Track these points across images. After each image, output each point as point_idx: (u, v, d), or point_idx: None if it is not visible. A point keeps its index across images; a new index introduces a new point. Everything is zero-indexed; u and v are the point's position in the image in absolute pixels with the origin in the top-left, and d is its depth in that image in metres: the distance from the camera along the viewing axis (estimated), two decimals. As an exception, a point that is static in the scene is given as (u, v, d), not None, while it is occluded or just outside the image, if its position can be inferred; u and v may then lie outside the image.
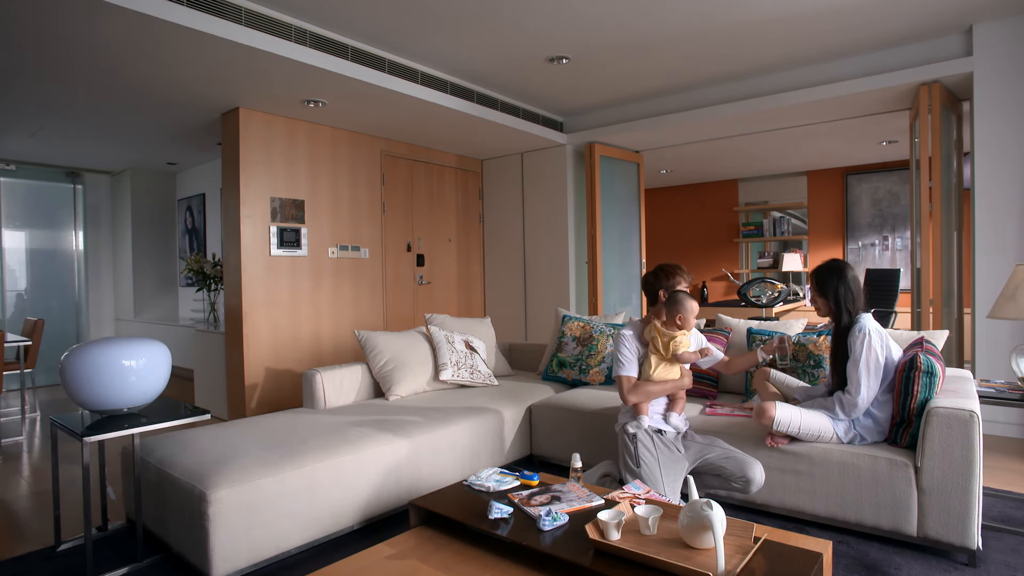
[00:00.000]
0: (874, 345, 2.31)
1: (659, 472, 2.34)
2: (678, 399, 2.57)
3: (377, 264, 5.21)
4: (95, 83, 3.76)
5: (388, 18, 3.48)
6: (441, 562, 1.78)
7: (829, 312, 2.45)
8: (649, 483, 2.30)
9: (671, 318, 2.47)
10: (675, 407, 2.56)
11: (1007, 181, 3.70)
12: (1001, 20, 3.66)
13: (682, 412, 2.56)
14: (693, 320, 2.48)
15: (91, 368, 2.21)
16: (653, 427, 2.48)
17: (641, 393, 2.48)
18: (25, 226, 6.67)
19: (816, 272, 2.46)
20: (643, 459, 2.37)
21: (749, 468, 2.34)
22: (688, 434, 2.55)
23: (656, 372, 2.50)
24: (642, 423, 2.45)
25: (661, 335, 2.49)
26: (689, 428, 2.61)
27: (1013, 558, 2.19)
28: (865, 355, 2.30)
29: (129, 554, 2.35)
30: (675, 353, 2.46)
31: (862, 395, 2.31)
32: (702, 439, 2.51)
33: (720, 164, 7.20)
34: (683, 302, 2.46)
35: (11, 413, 4.99)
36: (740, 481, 2.35)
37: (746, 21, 3.60)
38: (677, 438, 2.51)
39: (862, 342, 2.31)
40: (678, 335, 2.47)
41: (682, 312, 2.44)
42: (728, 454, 2.40)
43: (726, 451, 2.42)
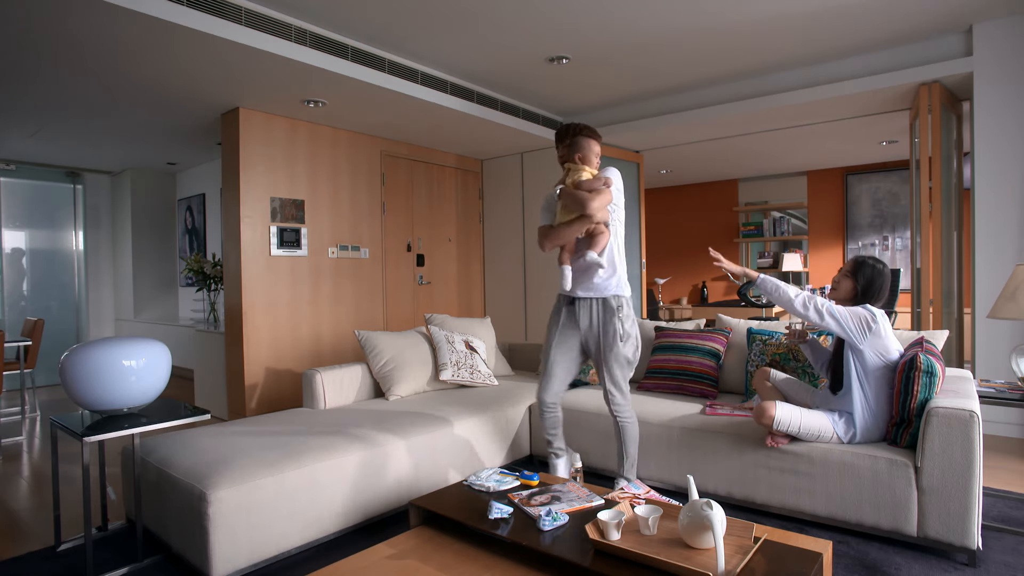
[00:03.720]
0: (864, 317, 2.33)
1: (550, 339, 2.64)
2: (595, 238, 2.51)
3: (377, 264, 5.21)
4: (95, 83, 3.76)
5: (388, 18, 3.48)
6: (441, 562, 1.78)
7: (850, 295, 2.46)
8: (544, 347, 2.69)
9: (572, 158, 2.55)
10: (593, 246, 2.51)
11: (1007, 181, 3.70)
12: (1001, 20, 3.66)
13: (600, 250, 2.50)
14: (594, 158, 2.55)
15: (91, 368, 2.21)
16: (568, 296, 2.62)
17: (550, 237, 2.56)
18: (25, 226, 6.67)
19: (863, 257, 2.49)
20: (548, 324, 2.69)
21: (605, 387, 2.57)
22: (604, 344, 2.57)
23: (559, 216, 2.57)
24: (563, 275, 2.56)
25: (567, 174, 2.56)
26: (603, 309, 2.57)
27: (1013, 558, 2.19)
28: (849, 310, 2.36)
29: (129, 554, 2.35)
30: (576, 182, 2.50)
31: (823, 317, 2.35)
32: (606, 369, 2.56)
33: (720, 164, 7.20)
34: (581, 142, 2.54)
35: (11, 413, 4.99)
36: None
37: (746, 21, 3.60)
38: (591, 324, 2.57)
39: (860, 309, 2.37)
40: (580, 170, 2.53)
41: (581, 151, 2.53)
42: (605, 387, 2.57)
43: (612, 385, 2.56)
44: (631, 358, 2.56)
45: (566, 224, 2.51)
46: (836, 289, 2.51)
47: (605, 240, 2.50)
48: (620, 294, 2.55)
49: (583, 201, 2.43)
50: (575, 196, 2.45)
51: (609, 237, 2.51)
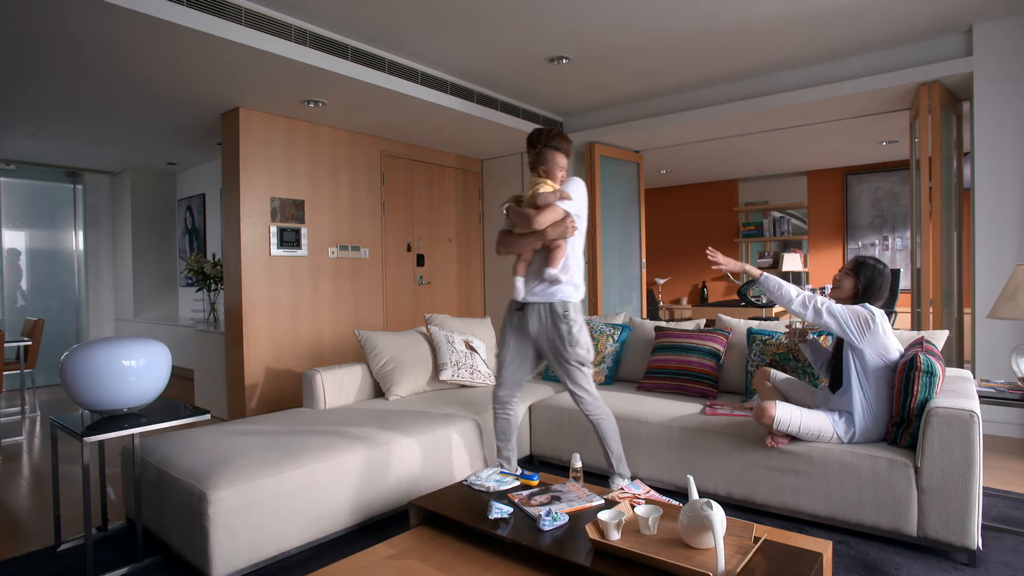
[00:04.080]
0: (863, 316, 2.34)
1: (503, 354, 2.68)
2: (552, 252, 2.52)
3: (377, 264, 5.21)
4: (95, 83, 3.76)
5: (388, 18, 3.48)
6: (441, 562, 1.78)
7: (852, 294, 2.47)
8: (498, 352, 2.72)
9: (536, 170, 2.57)
10: (550, 262, 2.53)
11: (1007, 181, 3.70)
12: (1001, 20, 3.66)
13: (556, 265, 2.51)
14: (557, 172, 2.55)
15: (91, 368, 2.21)
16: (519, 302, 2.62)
17: (504, 243, 2.64)
18: (25, 226, 6.67)
19: (864, 257, 2.51)
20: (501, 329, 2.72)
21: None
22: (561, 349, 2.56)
23: (518, 227, 2.59)
24: (515, 286, 2.61)
25: (532, 186, 2.55)
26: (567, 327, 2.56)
27: (1013, 558, 2.19)
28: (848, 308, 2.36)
29: (129, 554, 2.35)
30: (528, 197, 2.52)
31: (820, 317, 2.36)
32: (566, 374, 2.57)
33: (720, 164, 7.20)
34: (546, 154, 2.54)
35: (11, 413, 4.99)
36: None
37: (746, 21, 3.60)
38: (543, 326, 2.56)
39: (859, 307, 2.37)
40: (540, 183, 2.53)
41: (546, 164, 2.53)
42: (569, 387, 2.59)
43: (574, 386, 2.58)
44: (583, 358, 2.56)
45: (521, 236, 2.56)
46: (838, 287, 2.52)
47: (561, 255, 2.52)
48: (567, 299, 2.55)
49: (528, 219, 2.48)
50: (521, 213, 2.51)
51: (566, 251, 2.53)
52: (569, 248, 2.55)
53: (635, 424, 2.93)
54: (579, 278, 2.63)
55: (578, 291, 2.61)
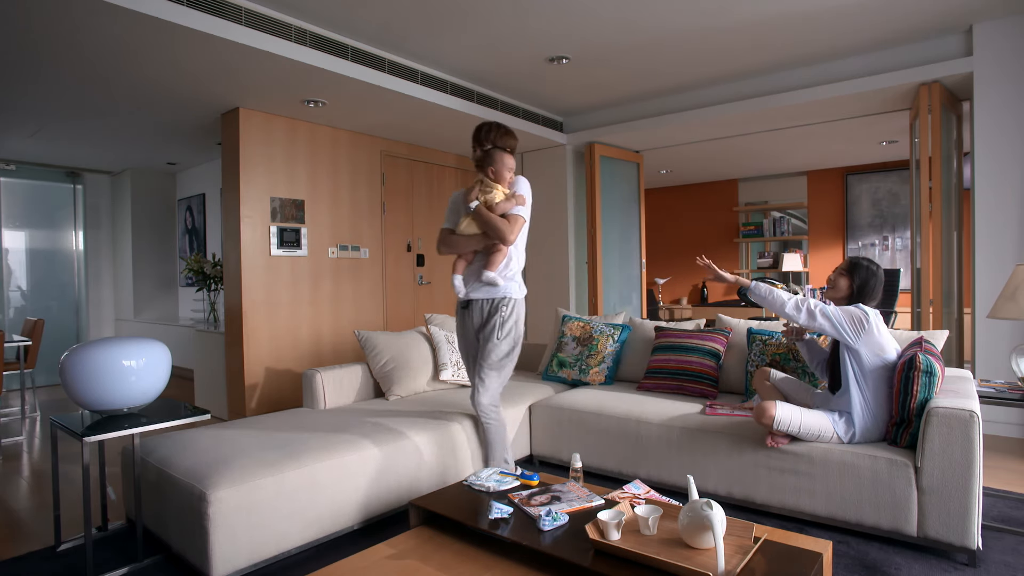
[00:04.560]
0: (857, 316, 2.34)
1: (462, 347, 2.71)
2: (491, 255, 2.53)
3: (377, 264, 5.21)
4: (95, 83, 3.76)
5: (388, 18, 3.48)
6: (441, 562, 1.78)
7: (847, 294, 2.48)
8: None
9: (485, 172, 2.52)
10: (489, 265, 2.53)
11: (1007, 181, 3.70)
12: (1001, 20, 3.66)
13: (496, 268, 2.53)
14: (506, 173, 2.52)
15: (91, 368, 2.21)
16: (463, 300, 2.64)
17: (447, 242, 2.62)
18: (25, 226, 6.67)
19: (856, 257, 2.51)
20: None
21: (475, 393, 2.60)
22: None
23: (462, 227, 2.57)
24: (454, 285, 2.60)
25: (478, 187, 2.53)
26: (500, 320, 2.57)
27: (1013, 558, 2.19)
28: (844, 310, 2.36)
29: (129, 554, 2.35)
30: (489, 204, 2.48)
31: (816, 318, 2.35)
32: (489, 360, 2.57)
33: (720, 164, 7.20)
34: (495, 156, 2.51)
35: (11, 413, 4.99)
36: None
37: (746, 21, 3.60)
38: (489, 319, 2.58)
39: (853, 308, 2.38)
40: (492, 188, 2.50)
41: (495, 165, 2.50)
42: (477, 380, 2.59)
43: (479, 380, 2.58)
44: (504, 356, 2.57)
45: (466, 237, 2.57)
46: (833, 288, 2.52)
47: (502, 258, 2.53)
48: (510, 296, 2.58)
49: (503, 235, 2.47)
50: (495, 226, 2.48)
51: (505, 255, 2.54)
52: (512, 248, 2.56)
53: (635, 424, 2.93)
54: (519, 277, 2.65)
55: (521, 287, 2.64)
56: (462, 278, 2.62)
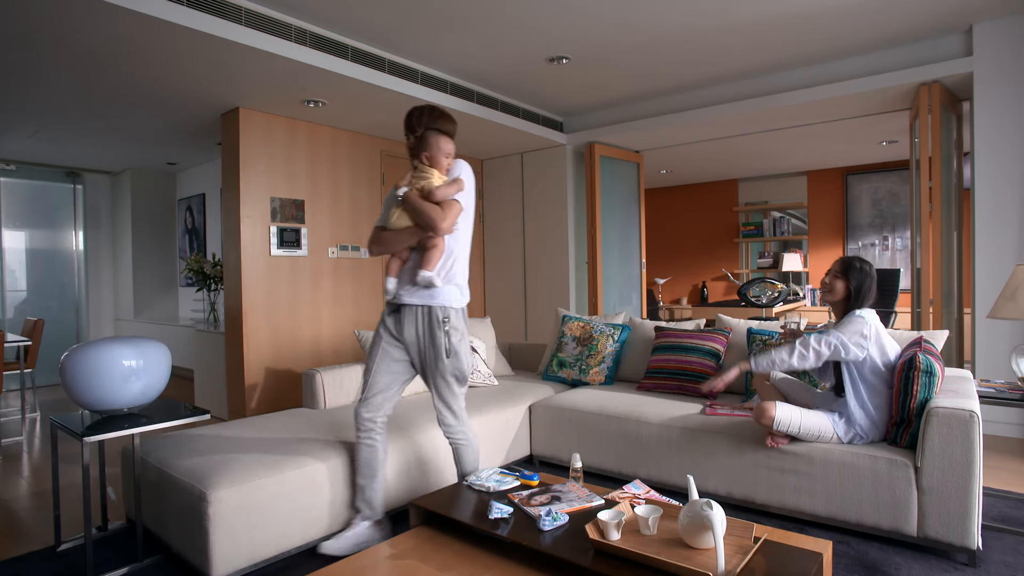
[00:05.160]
0: (860, 329, 2.33)
1: (373, 355, 2.36)
2: (428, 251, 2.24)
3: (377, 264, 5.21)
4: (95, 83, 3.76)
5: (388, 18, 3.48)
6: (441, 562, 1.78)
7: (844, 296, 2.46)
8: (366, 365, 2.39)
9: (419, 157, 2.27)
10: (425, 263, 2.24)
11: (1007, 181, 3.70)
12: (1001, 20, 3.66)
13: (432, 267, 2.22)
14: (443, 159, 2.26)
15: (91, 368, 2.21)
16: (393, 303, 2.33)
17: (379, 240, 2.31)
18: (25, 226, 6.67)
19: (848, 258, 2.49)
20: (373, 337, 2.40)
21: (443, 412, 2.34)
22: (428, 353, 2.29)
23: (393, 220, 2.28)
24: (386, 287, 2.32)
25: (412, 175, 2.28)
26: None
27: (1013, 558, 2.19)
28: (847, 328, 2.35)
29: (129, 554, 2.35)
30: (427, 191, 2.21)
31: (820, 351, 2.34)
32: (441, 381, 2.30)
33: (720, 164, 7.20)
34: (429, 139, 2.25)
35: (11, 413, 4.99)
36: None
37: (746, 21, 3.60)
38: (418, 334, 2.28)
39: (853, 319, 2.37)
40: (428, 174, 2.24)
41: (429, 150, 2.25)
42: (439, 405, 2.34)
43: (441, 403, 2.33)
44: (459, 374, 2.30)
45: (397, 232, 2.26)
46: (830, 291, 2.48)
47: (439, 255, 2.23)
48: (448, 304, 2.26)
49: (434, 222, 2.17)
50: (423, 212, 2.18)
51: (444, 250, 2.25)
52: (453, 244, 2.27)
53: (635, 424, 2.94)
54: (463, 279, 2.34)
55: (463, 294, 2.33)
56: (396, 281, 2.30)
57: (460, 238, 2.30)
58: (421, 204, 2.18)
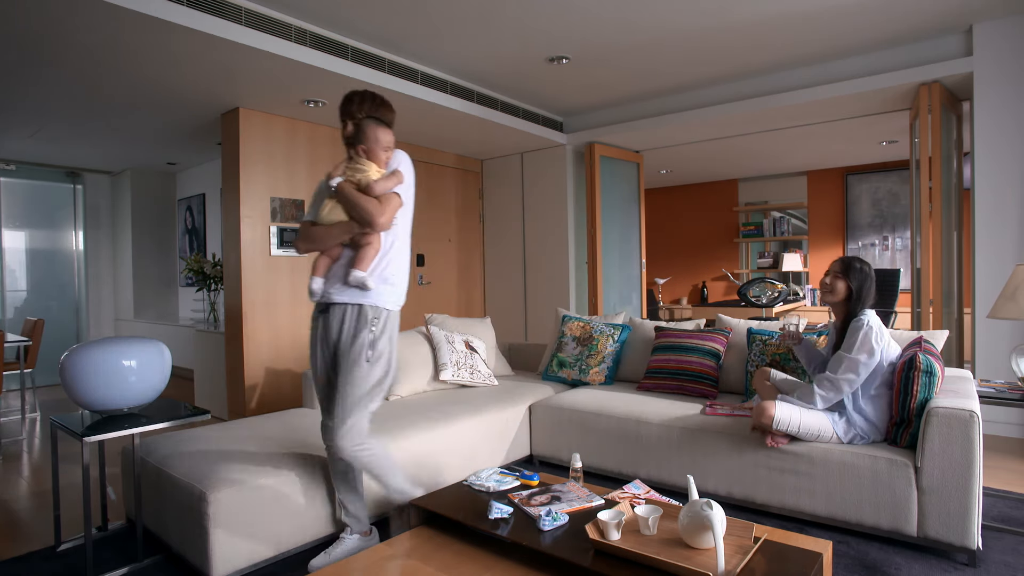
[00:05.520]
0: (871, 339, 2.32)
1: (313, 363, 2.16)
2: (361, 249, 2.07)
3: (377, 264, 5.20)
4: (95, 83, 3.76)
5: (388, 18, 3.48)
6: (441, 562, 1.78)
7: (846, 296, 2.44)
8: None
9: (356, 149, 2.12)
10: (357, 263, 2.05)
11: (1007, 181, 3.70)
12: (1001, 20, 3.66)
13: (367, 268, 2.05)
14: (380, 152, 2.11)
15: (91, 368, 2.21)
16: (321, 303, 2.13)
17: (307, 237, 2.11)
18: (25, 226, 6.67)
19: (848, 258, 2.48)
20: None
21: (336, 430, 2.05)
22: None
23: (323, 213, 2.09)
24: (310, 288, 2.12)
25: (347, 166, 2.11)
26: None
27: (1013, 558, 2.19)
28: (859, 345, 2.32)
29: (129, 554, 2.35)
30: (365, 186, 2.05)
31: (848, 378, 2.33)
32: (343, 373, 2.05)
33: (720, 164, 7.20)
34: (366, 129, 2.09)
35: (11, 413, 4.99)
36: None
37: (746, 21, 3.60)
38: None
39: (860, 332, 2.34)
40: (363, 166, 2.09)
41: (367, 143, 2.09)
42: (337, 397, 2.05)
43: (339, 396, 2.05)
44: (375, 385, 2.06)
45: (328, 228, 2.07)
46: (832, 292, 2.47)
47: (373, 254, 2.06)
48: (380, 304, 2.06)
49: (371, 217, 1.99)
50: (359, 206, 2.00)
51: (378, 249, 2.08)
52: (390, 242, 2.12)
53: (635, 424, 2.94)
54: (401, 278, 2.15)
55: (397, 293, 2.13)
56: (323, 280, 2.11)
57: (398, 235, 2.13)
58: (357, 197, 2.02)
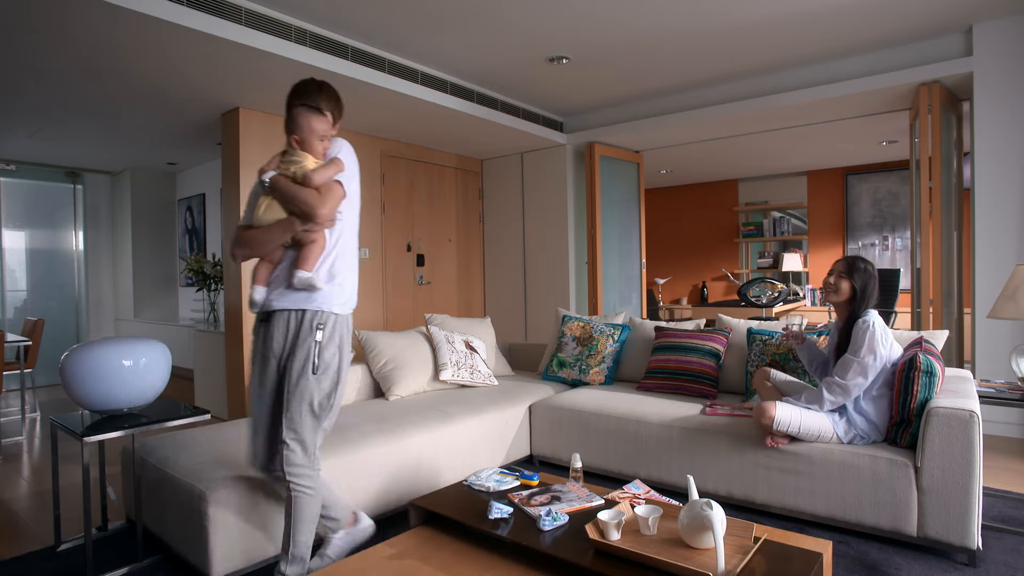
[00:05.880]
0: (877, 340, 2.32)
1: (252, 379, 1.94)
2: (304, 248, 1.88)
3: (377, 264, 5.21)
4: (95, 83, 3.76)
5: (388, 18, 3.48)
6: (441, 562, 1.78)
7: (850, 296, 2.44)
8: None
9: (289, 141, 1.94)
10: (301, 263, 1.87)
11: (1007, 181, 3.70)
12: (1001, 20, 3.66)
13: (312, 268, 1.87)
14: (316, 143, 1.91)
15: (91, 368, 2.21)
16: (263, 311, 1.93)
17: (242, 242, 1.91)
18: (25, 226, 6.67)
19: (851, 258, 2.47)
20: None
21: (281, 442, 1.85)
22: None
23: (259, 213, 1.89)
24: (251, 297, 1.91)
25: (281, 160, 1.93)
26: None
27: (1013, 558, 2.19)
28: (866, 347, 2.32)
29: (129, 554, 2.35)
30: (302, 178, 1.86)
31: (857, 382, 2.32)
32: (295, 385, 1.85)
33: (720, 164, 7.20)
34: (296, 117, 1.90)
35: (11, 413, 4.99)
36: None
37: (746, 21, 3.60)
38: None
39: (866, 334, 2.33)
40: (298, 157, 1.90)
41: (299, 132, 1.90)
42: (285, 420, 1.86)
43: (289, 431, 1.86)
44: (323, 399, 1.88)
45: (266, 230, 1.88)
46: (836, 292, 2.46)
47: (318, 252, 1.88)
48: (326, 309, 1.88)
49: (312, 209, 1.82)
50: (298, 198, 1.83)
51: (323, 247, 1.90)
52: (337, 237, 1.93)
53: (635, 424, 2.94)
54: (349, 279, 1.96)
55: (345, 296, 1.94)
56: (265, 290, 1.92)
57: (344, 231, 1.94)
58: (294, 188, 1.84)
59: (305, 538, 1.87)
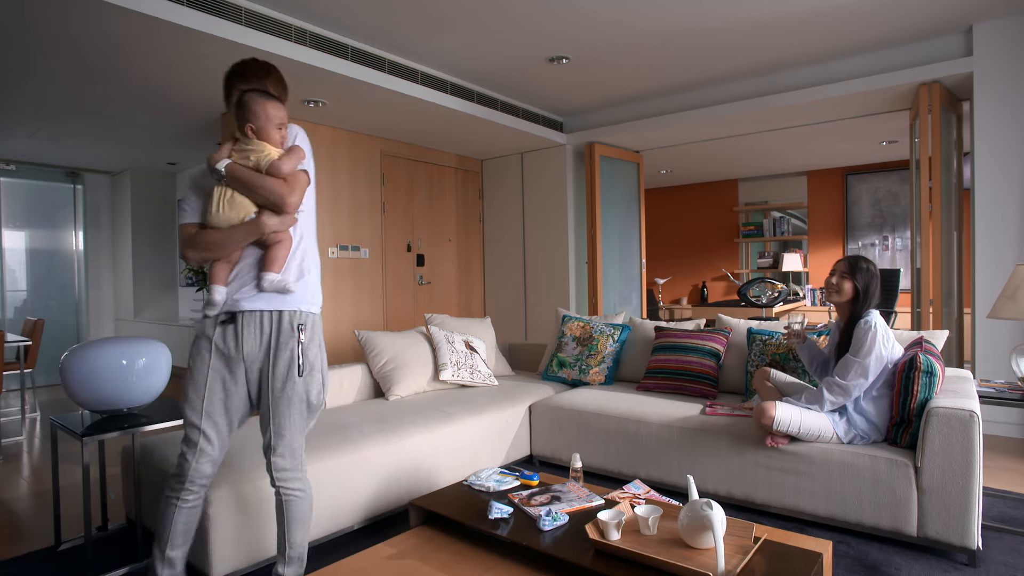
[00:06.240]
0: (878, 341, 2.32)
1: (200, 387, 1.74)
2: (271, 248, 1.77)
3: (377, 264, 5.21)
4: (95, 83, 3.76)
5: (388, 18, 3.48)
6: (441, 562, 1.78)
7: (852, 296, 2.43)
8: (187, 404, 1.75)
9: (243, 129, 1.78)
10: (269, 264, 1.75)
11: (1007, 181, 3.70)
12: (1001, 20, 3.66)
13: (279, 267, 1.76)
14: (273, 132, 1.78)
15: (91, 368, 2.21)
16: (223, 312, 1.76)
17: (201, 244, 1.75)
18: (25, 226, 6.67)
19: (854, 258, 2.47)
20: (190, 368, 1.78)
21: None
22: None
23: (217, 211, 1.73)
24: (211, 299, 1.75)
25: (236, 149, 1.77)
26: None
27: (1013, 558, 2.19)
28: (867, 348, 2.32)
29: (129, 554, 2.35)
30: (267, 165, 1.74)
31: (858, 383, 2.32)
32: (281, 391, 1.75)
33: (720, 164, 7.20)
34: (251, 105, 1.76)
35: (11, 413, 4.99)
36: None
37: (746, 21, 3.60)
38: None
39: (868, 335, 2.33)
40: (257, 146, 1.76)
41: (256, 120, 1.76)
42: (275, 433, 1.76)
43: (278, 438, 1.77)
44: (313, 400, 1.80)
45: (229, 231, 1.73)
46: (838, 292, 2.46)
47: (285, 252, 1.78)
48: (305, 309, 1.80)
49: (281, 199, 1.71)
50: (266, 188, 1.71)
51: (290, 245, 1.80)
52: (301, 232, 1.85)
53: (635, 424, 2.94)
54: (316, 276, 1.88)
55: (316, 294, 1.86)
56: (226, 290, 1.76)
57: (307, 225, 1.87)
58: (259, 177, 1.72)
59: (300, 538, 1.82)
